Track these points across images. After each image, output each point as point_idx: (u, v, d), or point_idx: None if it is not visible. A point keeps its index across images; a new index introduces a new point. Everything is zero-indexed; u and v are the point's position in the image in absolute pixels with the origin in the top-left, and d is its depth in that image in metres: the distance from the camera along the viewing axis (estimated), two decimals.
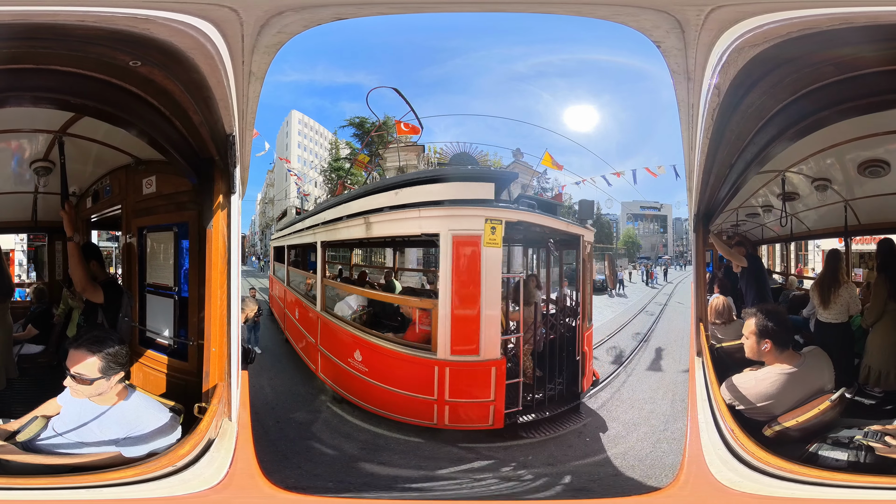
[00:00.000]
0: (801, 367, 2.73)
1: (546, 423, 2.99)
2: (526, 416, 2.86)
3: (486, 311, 2.43)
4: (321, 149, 4.91)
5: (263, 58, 2.49)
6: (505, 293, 2.86)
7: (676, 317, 4.59)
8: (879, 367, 3.25)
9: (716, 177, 2.79)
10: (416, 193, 2.74)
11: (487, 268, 2.42)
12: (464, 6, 2.73)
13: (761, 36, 2.25)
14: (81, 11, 2.12)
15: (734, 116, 2.55)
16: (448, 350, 2.49)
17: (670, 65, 2.56)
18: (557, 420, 3.04)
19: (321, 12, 2.46)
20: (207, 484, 2.40)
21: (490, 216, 2.48)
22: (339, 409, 3.59)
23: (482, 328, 2.45)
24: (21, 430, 2.47)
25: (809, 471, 2.37)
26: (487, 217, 2.47)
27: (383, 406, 2.83)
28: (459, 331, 2.48)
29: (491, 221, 2.45)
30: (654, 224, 5.86)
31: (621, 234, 5.69)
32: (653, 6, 2.41)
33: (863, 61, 2.37)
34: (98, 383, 2.38)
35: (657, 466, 2.94)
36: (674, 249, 5.82)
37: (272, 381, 3.79)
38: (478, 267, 2.40)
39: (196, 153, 2.65)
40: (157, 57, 2.30)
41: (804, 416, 2.59)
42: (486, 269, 2.41)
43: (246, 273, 5.20)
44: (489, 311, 2.44)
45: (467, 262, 2.44)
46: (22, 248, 4.35)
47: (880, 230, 3.82)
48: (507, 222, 2.52)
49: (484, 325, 2.43)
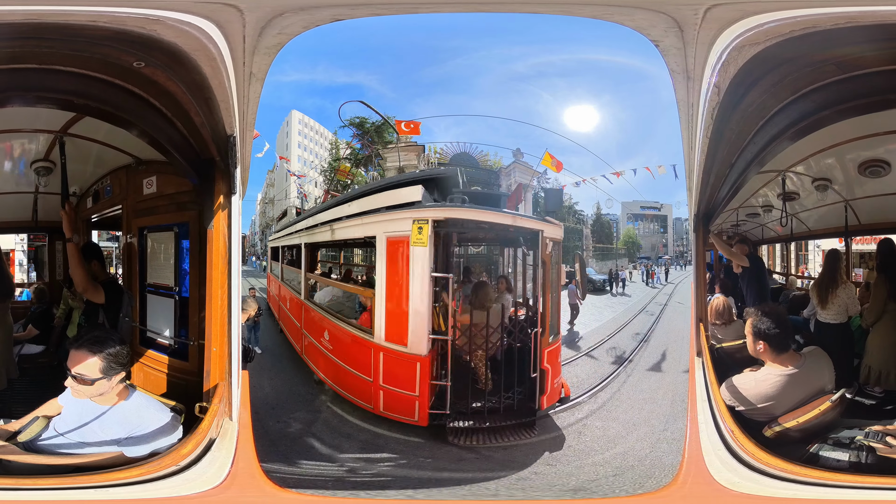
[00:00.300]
0: (802, 368, 2.73)
1: (483, 433, 2.96)
2: (458, 422, 2.87)
3: (414, 307, 2.55)
4: (321, 149, 4.92)
5: (264, 58, 2.49)
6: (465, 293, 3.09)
7: (676, 317, 4.59)
8: (879, 367, 3.25)
9: (716, 176, 2.79)
10: (362, 204, 3.09)
11: (415, 266, 2.54)
12: (464, 6, 2.73)
13: (761, 35, 2.25)
14: (93, 11, 2.13)
15: (734, 116, 2.55)
16: (382, 335, 2.68)
17: (669, 64, 2.56)
18: (498, 433, 2.99)
19: (321, 13, 2.47)
20: (210, 484, 2.40)
21: (417, 217, 2.59)
22: (340, 410, 3.59)
23: (410, 323, 2.56)
24: (22, 430, 2.48)
25: (810, 471, 2.37)
26: (415, 218, 2.58)
27: (340, 384, 3.03)
28: (392, 322, 2.66)
29: (418, 222, 2.56)
30: (654, 224, 5.86)
31: (621, 234, 5.69)
32: (648, 5, 2.42)
33: (863, 61, 2.36)
34: (99, 384, 2.38)
35: (657, 466, 2.94)
36: (674, 249, 5.82)
37: (272, 381, 3.80)
38: (406, 265, 2.55)
39: (197, 154, 2.66)
40: (161, 58, 2.31)
41: (804, 417, 2.59)
42: (414, 267, 2.54)
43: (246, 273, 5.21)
44: (417, 306, 2.56)
45: (397, 261, 2.62)
46: (22, 248, 4.36)
47: (881, 230, 3.82)
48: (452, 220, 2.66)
49: (412, 319, 2.54)
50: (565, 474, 3.06)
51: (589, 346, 4.21)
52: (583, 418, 3.54)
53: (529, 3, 2.69)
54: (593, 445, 3.31)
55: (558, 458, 3.20)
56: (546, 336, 2.93)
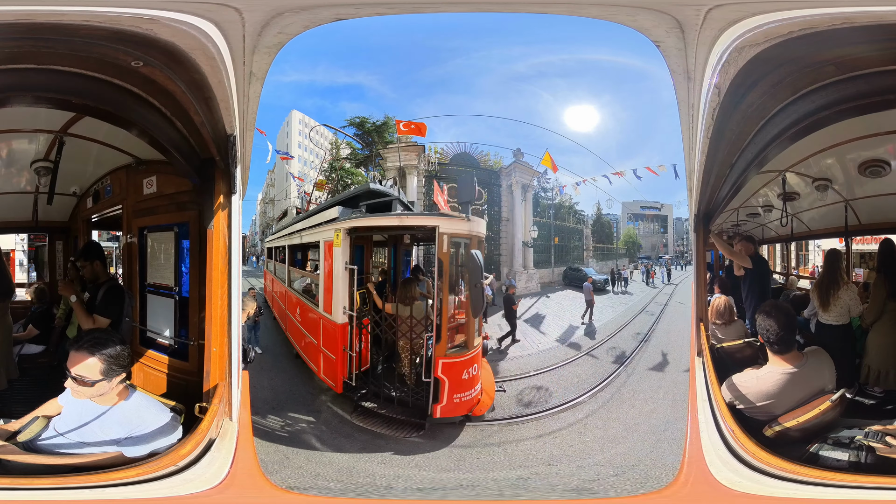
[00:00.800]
0: (803, 368, 2.73)
1: (380, 420, 3.36)
2: (365, 402, 3.39)
3: (336, 287, 3.36)
4: (321, 149, 4.92)
5: (264, 58, 2.49)
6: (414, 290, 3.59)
7: (677, 317, 4.59)
8: (879, 367, 3.24)
9: (716, 177, 2.79)
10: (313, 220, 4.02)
11: (336, 260, 3.39)
12: (464, 6, 2.73)
13: (761, 35, 2.26)
14: (87, 11, 2.13)
15: (734, 116, 2.55)
16: (321, 308, 3.49)
17: (670, 65, 2.56)
18: (392, 423, 3.32)
19: (321, 13, 2.47)
20: (209, 484, 2.40)
21: (336, 227, 3.44)
22: (341, 410, 3.59)
23: (333, 298, 3.34)
24: (22, 430, 2.47)
25: (810, 471, 2.37)
26: (334, 228, 3.43)
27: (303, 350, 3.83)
28: (326, 298, 3.49)
29: (336, 231, 3.39)
30: (654, 224, 5.86)
31: (622, 234, 5.70)
32: (651, 6, 2.42)
33: (863, 61, 2.36)
34: (99, 385, 2.38)
35: (657, 466, 2.94)
36: (674, 249, 5.82)
37: (272, 381, 3.80)
38: (332, 260, 3.39)
39: (197, 153, 2.66)
40: (159, 57, 2.31)
41: (805, 417, 2.59)
42: (336, 261, 3.38)
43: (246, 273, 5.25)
44: (338, 287, 3.36)
45: (329, 257, 3.48)
46: (22, 248, 4.36)
47: (881, 230, 3.81)
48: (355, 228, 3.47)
49: (335, 296, 3.32)
50: (567, 474, 3.06)
51: (589, 346, 4.22)
52: (584, 418, 3.54)
53: (531, 3, 2.69)
54: (594, 445, 3.31)
55: (560, 457, 3.20)
56: (442, 344, 3.04)
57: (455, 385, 3.12)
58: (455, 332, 3.30)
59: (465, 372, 3.15)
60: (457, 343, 3.28)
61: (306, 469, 3.03)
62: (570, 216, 5.30)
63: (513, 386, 3.81)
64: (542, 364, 4.02)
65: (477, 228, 3.19)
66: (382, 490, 2.90)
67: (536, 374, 3.94)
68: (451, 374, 3.09)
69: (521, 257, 4.91)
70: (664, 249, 5.85)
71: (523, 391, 3.76)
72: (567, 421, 3.54)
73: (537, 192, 4.94)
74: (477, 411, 3.24)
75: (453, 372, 3.10)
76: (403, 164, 4.71)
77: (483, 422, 3.48)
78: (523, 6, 2.74)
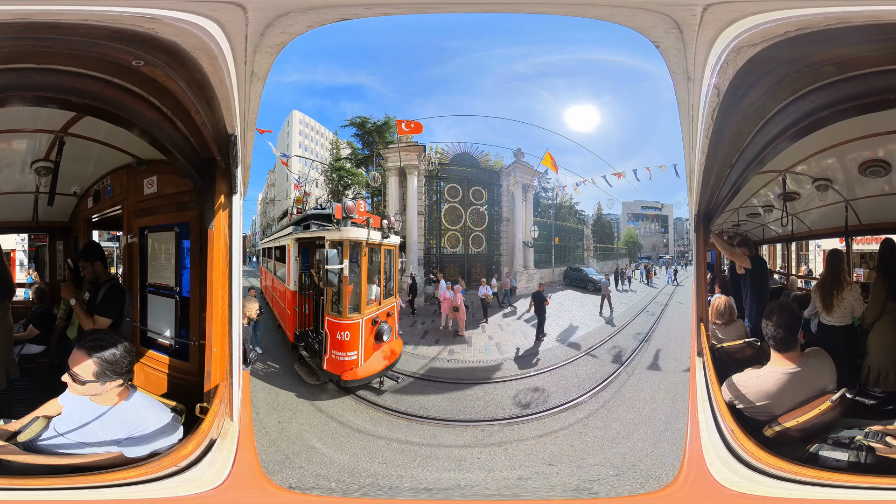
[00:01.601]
0: (804, 367, 2.72)
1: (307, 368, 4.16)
2: (303, 352, 4.23)
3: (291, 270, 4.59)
4: (322, 149, 4.93)
5: (265, 58, 2.49)
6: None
7: (677, 317, 4.60)
8: (879, 367, 3.23)
9: (716, 177, 2.79)
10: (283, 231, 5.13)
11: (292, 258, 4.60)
12: (464, 6, 2.73)
13: (758, 35, 2.26)
14: (87, 10, 2.12)
15: (734, 116, 2.55)
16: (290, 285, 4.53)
17: (670, 65, 2.56)
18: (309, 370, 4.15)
19: (326, 13, 2.47)
20: (210, 484, 2.40)
21: (290, 237, 4.67)
22: (341, 410, 3.60)
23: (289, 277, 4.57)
24: (22, 430, 2.47)
25: (810, 471, 2.37)
26: (290, 238, 4.65)
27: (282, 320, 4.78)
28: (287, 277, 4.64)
29: (291, 239, 4.62)
30: (655, 224, 5.87)
31: (622, 234, 5.71)
32: (648, 6, 2.42)
33: (862, 61, 2.36)
34: (90, 385, 2.37)
35: (657, 466, 2.95)
36: (675, 249, 5.83)
37: (273, 381, 3.81)
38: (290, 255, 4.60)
39: (197, 153, 2.66)
40: (159, 57, 2.30)
41: (805, 417, 2.58)
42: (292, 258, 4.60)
43: (247, 273, 5.30)
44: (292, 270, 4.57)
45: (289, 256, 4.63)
46: (23, 248, 4.36)
47: (881, 230, 3.81)
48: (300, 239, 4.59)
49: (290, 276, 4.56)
50: (567, 474, 3.06)
51: (590, 346, 4.23)
52: (584, 418, 3.55)
53: (531, 4, 2.69)
54: (594, 445, 3.32)
55: (560, 457, 3.20)
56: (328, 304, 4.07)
57: (333, 342, 3.93)
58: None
59: (338, 333, 3.92)
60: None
61: (308, 469, 3.03)
62: (571, 216, 5.30)
63: (513, 386, 3.83)
64: (543, 364, 4.03)
65: (348, 235, 4.05)
66: (383, 490, 2.90)
67: (537, 374, 3.94)
68: (331, 331, 3.95)
69: (522, 257, 4.91)
70: (665, 249, 5.86)
71: (523, 391, 3.78)
72: (567, 421, 3.54)
73: (538, 192, 4.94)
74: (348, 377, 3.87)
75: (332, 329, 3.94)
76: (404, 164, 4.71)
77: (483, 422, 3.52)
78: (523, 6, 2.75)
